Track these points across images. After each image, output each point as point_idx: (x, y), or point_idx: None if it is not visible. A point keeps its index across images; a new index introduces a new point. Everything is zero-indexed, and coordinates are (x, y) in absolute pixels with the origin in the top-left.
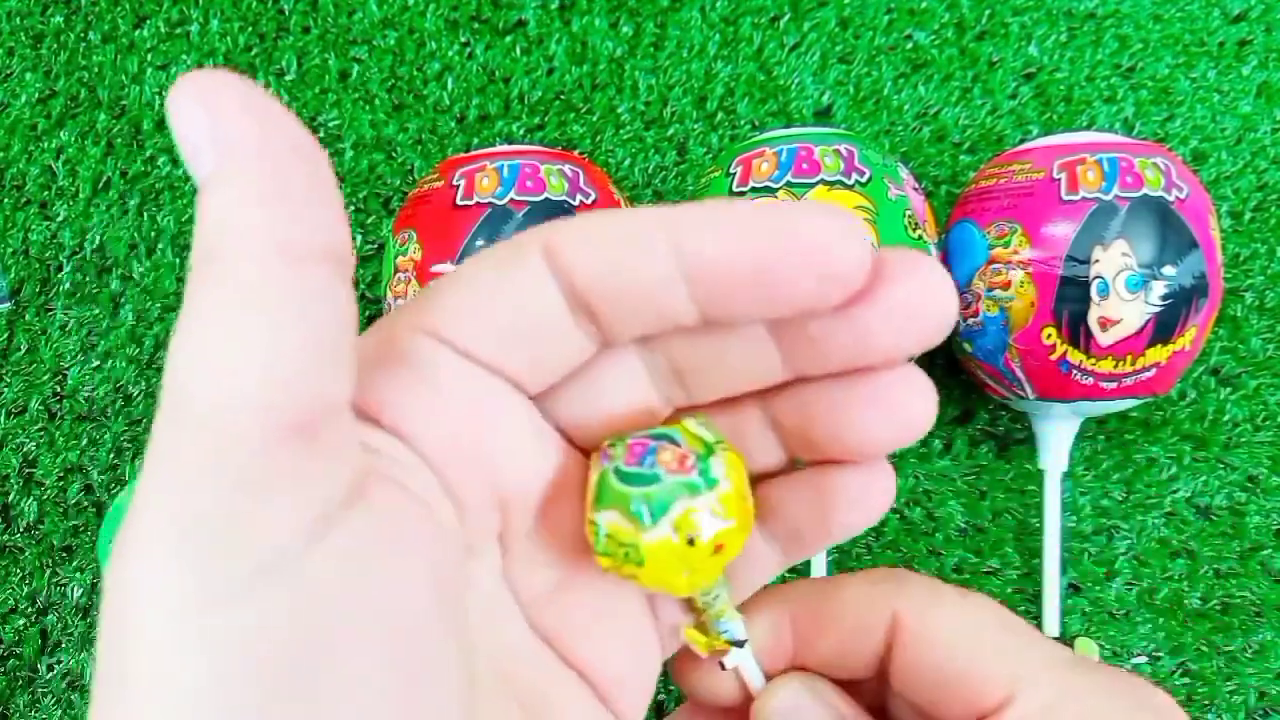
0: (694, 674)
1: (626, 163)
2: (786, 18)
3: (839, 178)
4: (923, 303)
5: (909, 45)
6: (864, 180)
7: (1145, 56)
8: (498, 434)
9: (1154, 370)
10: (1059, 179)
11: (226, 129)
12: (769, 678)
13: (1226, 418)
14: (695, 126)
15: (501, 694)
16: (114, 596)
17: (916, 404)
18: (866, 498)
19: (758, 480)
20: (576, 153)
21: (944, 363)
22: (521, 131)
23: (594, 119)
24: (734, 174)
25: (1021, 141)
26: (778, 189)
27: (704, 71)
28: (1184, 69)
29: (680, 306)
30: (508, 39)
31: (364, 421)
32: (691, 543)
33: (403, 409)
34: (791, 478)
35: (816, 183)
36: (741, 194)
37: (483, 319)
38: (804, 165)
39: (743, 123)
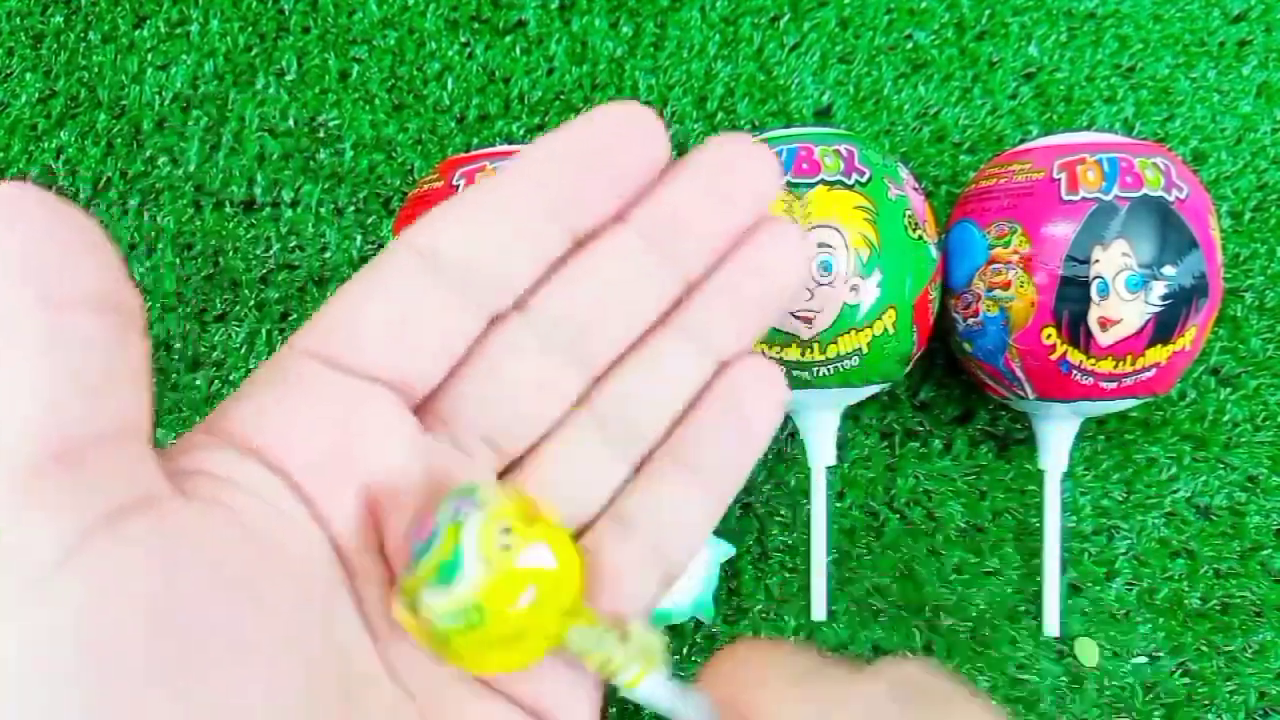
0: None
1: None
2: (786, 18)
3: (839, 178)
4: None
5: (909, 45)
6: (864, 180)
7: (1145, 56)
8: (369, 446)
9: (1154, 370)
10: (1059, 179)
11: None
12: None
13: (1226, 418)
14: (695, 126)
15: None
16: None
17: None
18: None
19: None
20: None
21: (944, 363)
22: (521, 131)
23: None
24: None
25: (1021, 141)
26: None
27: (704, 71)
28: (1184, 69)
29: (552, 237)
30: (508, 39)
31: (225, 444)
32: (439, 630)
33: (262, 429)
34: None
35: (816, 183)
36: None
37: (353, 325)
38: (804, 165)
39: (743, 123)
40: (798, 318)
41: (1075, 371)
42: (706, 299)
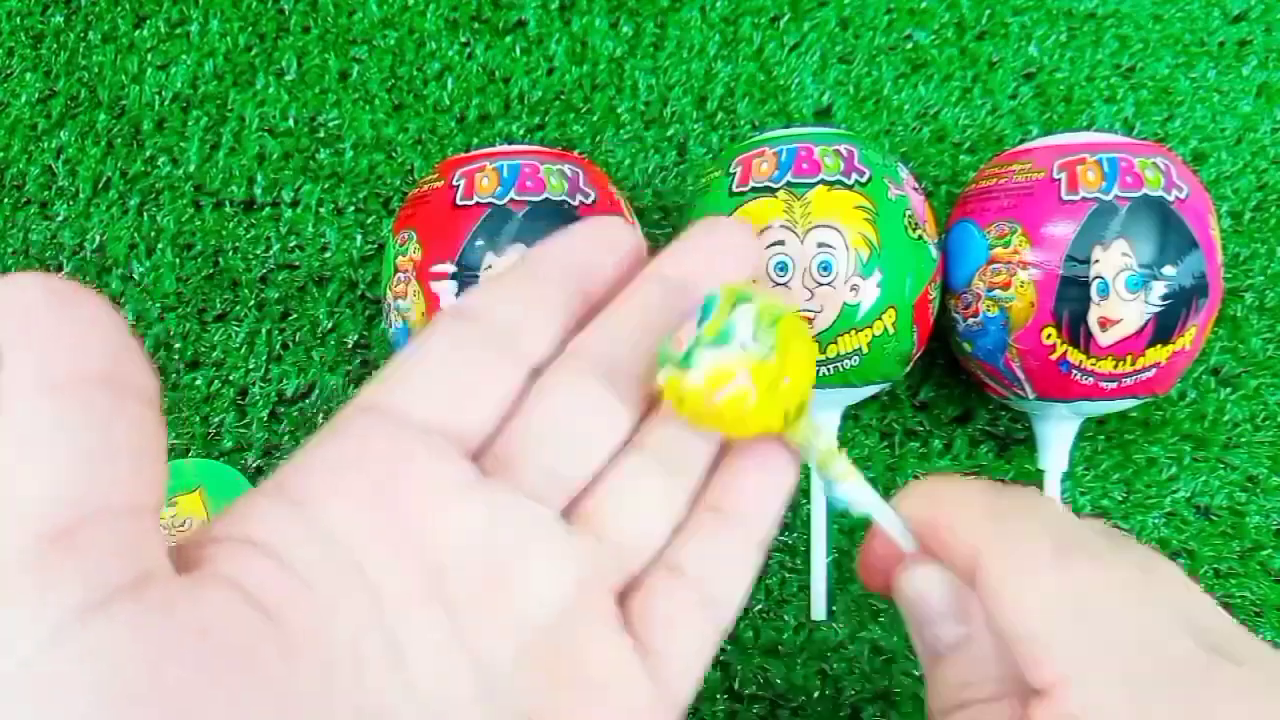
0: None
1: (626, 163)
2: (786, 18)
3: (839, 178)
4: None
5: (909, 45)
6: (864, 180)
7: (1145, 56)
8: (421, 493)
9: (1154, 370)
10: (1059, 179)
11: None
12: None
13: (1226, 418)
14: (695, 126)
15: None
16: None
17: None
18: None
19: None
20: (576, 153)
21: (944, 363)
22: (521, 131)
23: (594, 119)
24: (734, 174)
25: (1021, 141)
26: (778, 189)
27: (704, 71)
28: (1184, 69)
29: (572, 299)
30: (508, 39)
31: (280, 501)
32: (706, 389)
33: (314, 483)
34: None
35: (816, 183)
36: (741, 194)
37: (406, 380)
38: (804, 165)
39: (743, 123)
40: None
41: (1075, 371)
42: None
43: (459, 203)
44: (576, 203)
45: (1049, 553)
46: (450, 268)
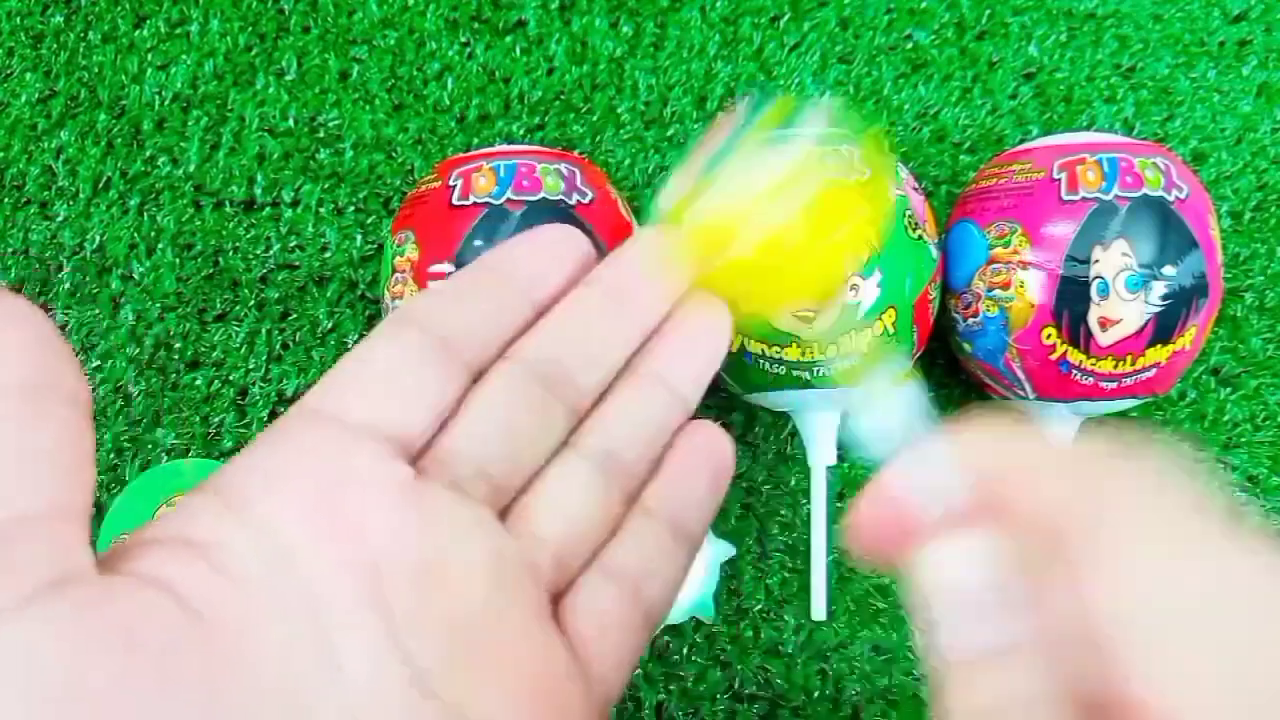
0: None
1: (626, 163)
2: (786, 18)
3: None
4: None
5: (909, 45)
6: (864, 180)
7: (1145, 56)
8: (356, 492)
9: (1154, 370)
10: (1059, 179)
11: None
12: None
13: (1226, 418)
14: (695, 126)
15: None
16: None
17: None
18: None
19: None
20: (576, 152)
21: (944, 363)
22: (521, 131)
23: (594, 119)
24: None
25: (1021, 141)
26: None
27: (704, 71)
28: (1184, 69)
29: (519, 307)
30: (508, 39)
31: (216, 502)
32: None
33: (252, 482)
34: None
35: None
36: None
37: (345, 383)
38: None
39: None
40: (798, 317)
41: (1075, 371)
42: (665, 347)
43: (456, 202)
44: (573, 201)
45: (1166, 533)
46: (449, 267)
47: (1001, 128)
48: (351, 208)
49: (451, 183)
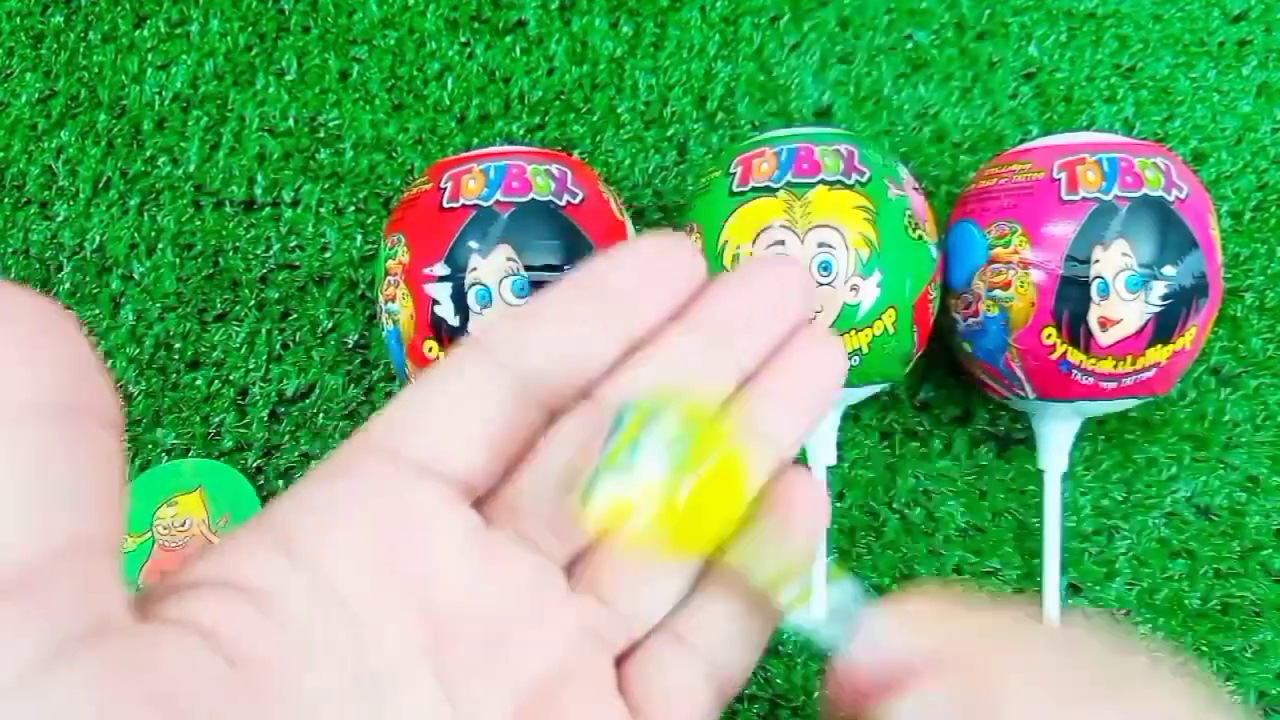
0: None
1: (626, 163)
2: (786, 18)
3: (839, 177)
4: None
5: (909, 45)
6: (864, 180)
7: (1145, 56)
8: (417, 539)
9: (1154, 370)
10: (1059, 179)
11: None
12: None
13: (1226, 418)
14: (695, 126)
15: None
16: None
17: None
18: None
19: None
20: (576, 153)
21: (944, 363)
22: (521, 131)
23: (594, 119)
24: (734, 174)
25: (1021, 141)
26: (778, 188)
27: (704, 71)
28: (1184, 69)
29: (609, 342)
30: (508, 39)
31: (266, 542)
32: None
33: (306, 523)
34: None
35: (816, 183)
36: (741, 194)
37: (413, 418)
38: (804, 165)
39: (743, 123)
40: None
41: (1075, 371)
42: (762, 393)
43: (446, 205)
44: (564, 202)
45: (1056, 693)
46: (441, 269)
47: (1001, 128)
48: (351, 208)
49: (442, 185)
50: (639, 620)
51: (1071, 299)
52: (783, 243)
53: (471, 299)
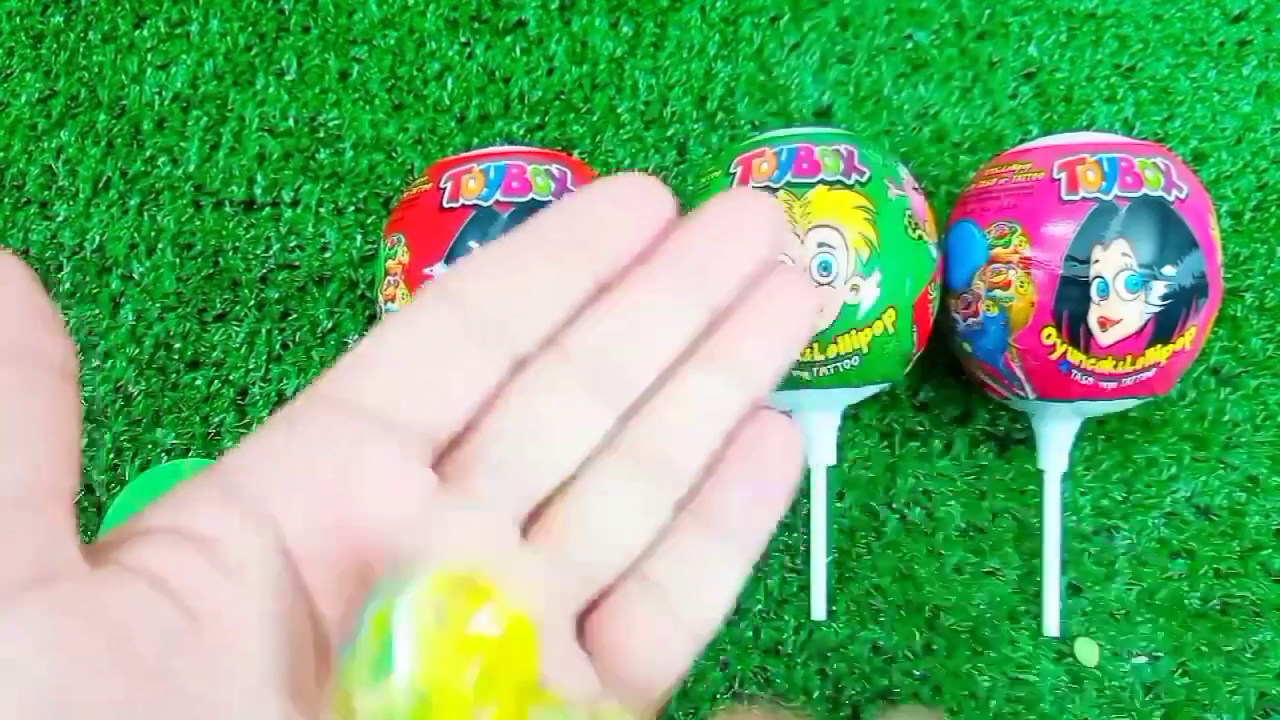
0: None
1: (626, 163)
2: (786, 18)
3: (839, 178)
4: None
5: (909, 45)
6: (864, 180)
7: (1145, 56)
8: (369, 493)
9: (1154, 370)
10: (1059, 179)
11: None
12: None
13: (1226, 418)
14: (695, 126)
15: None
16: None
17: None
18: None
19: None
20: (576, 153)
21: (944, 363)
22: (521, 131)
23: (594, 119)
24: (734, 174)
25: (1021, 141)
26: (778, 188)
27: (704, 71)
28: (1184, 69)
29: (576, 281)
30: (508, 39)
31: (217, 493)
32: None
33: (258, 472)
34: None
35: (816, 183)
36: None
37: (369, 368)
38: (804, 165)
39: (743, 123)
40: None
41: (1075, 371)
42: (733, 329)
43: (446, 205)
44: None
45: None
46: (440, 269)
47: (1001, 128)
48: (351, 208)
49: (442, 185)
50: (601, 569)
51: (1071, 299)
52: None
53: None
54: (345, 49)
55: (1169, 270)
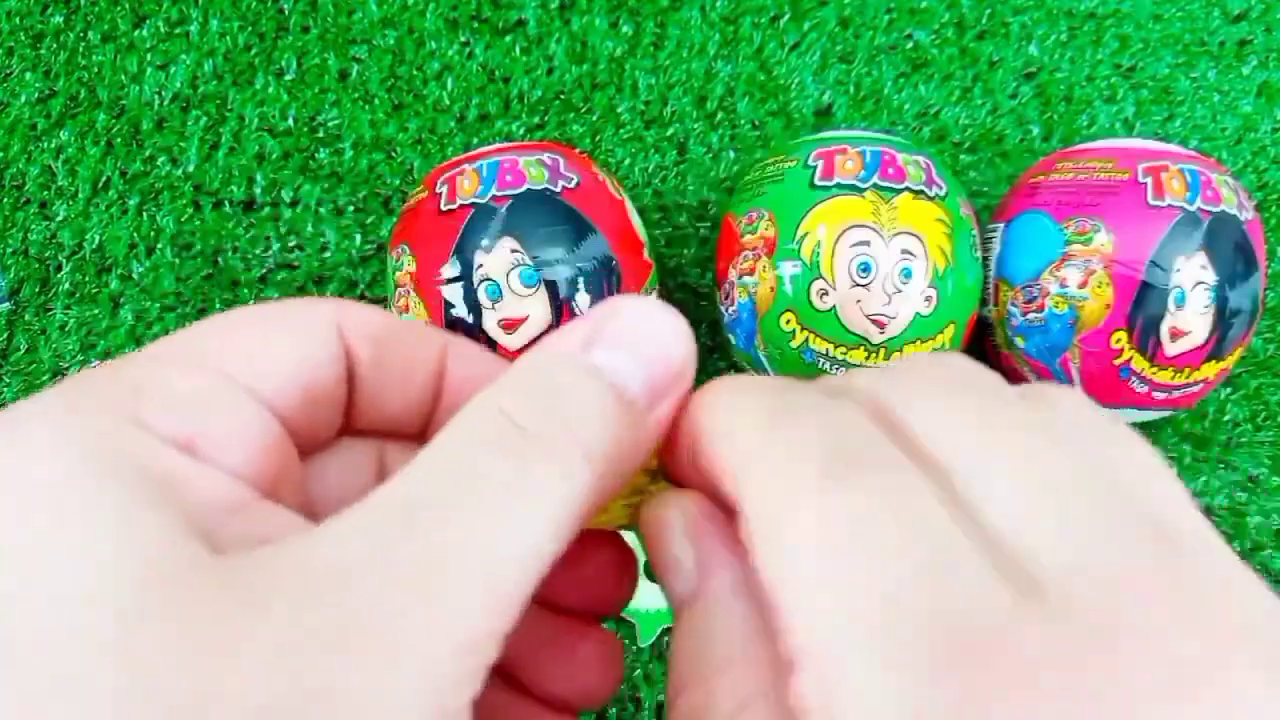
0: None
1: (626, 162)
2: (786, 17)
3: (922, 188)
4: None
5: (909, 45)
6: (942, 194)
7: (1145, 56)
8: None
9: (1200, 385)
10: (1145, 183)
11: None
12: None
13: (1226, 418)
14: (695, 126)
15: None
16: None
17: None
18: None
19: None
20: (576, 152)
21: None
22: (521, 131)
23: (594, 119)
24: (814, 166)
25: (1022, 140)
26: (864, 189)
27: (704, 71)
28: (1184, 69)
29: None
30: (508, 39)
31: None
32: None
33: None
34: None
35: (903, 189)
36: (825, 188)
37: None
38: (889, 170)
39: (743, 122)
40: (873, 321)
41: (1134, 378)
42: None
43: (444, 208)
44: (559, 188)
45: (815, 474)
46: (450, 271)
47: (1001, 128)
48: (351, 208)
49: (438, 190)
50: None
51: (1149, 306)
52: (867, 244)
53: (482, 295)
54: (345, 49)
55: (1237, 289)
